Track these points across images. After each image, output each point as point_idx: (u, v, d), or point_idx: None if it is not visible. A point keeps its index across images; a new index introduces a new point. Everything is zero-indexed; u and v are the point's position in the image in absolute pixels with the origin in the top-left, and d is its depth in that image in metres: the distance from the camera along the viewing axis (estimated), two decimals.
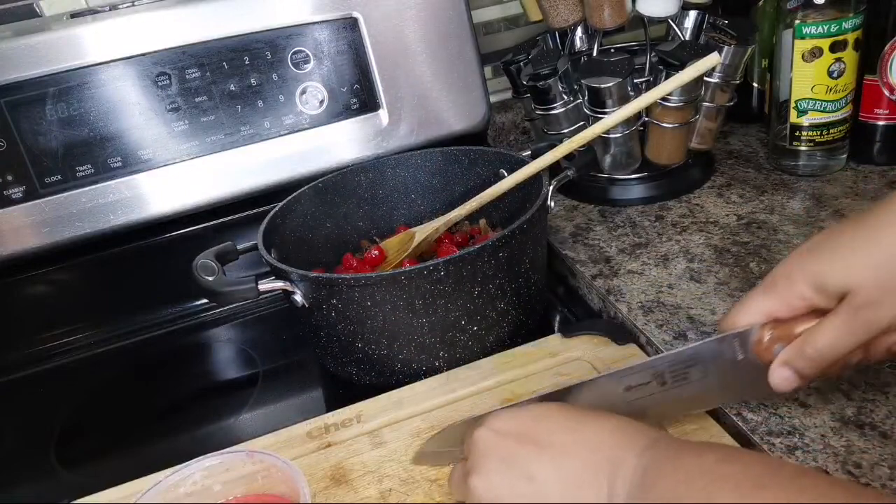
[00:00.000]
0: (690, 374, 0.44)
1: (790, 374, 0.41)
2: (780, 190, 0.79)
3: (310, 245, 0.74)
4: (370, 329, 0.58)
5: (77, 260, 0.79)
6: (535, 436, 0.39)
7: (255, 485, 0.47)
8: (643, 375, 0.45)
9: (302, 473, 0.44)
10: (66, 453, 0.65)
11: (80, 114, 0.72)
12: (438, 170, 0.79)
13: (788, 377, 0.41)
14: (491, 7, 1.04)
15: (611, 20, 0.76)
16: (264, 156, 0.79)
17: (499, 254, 0.59)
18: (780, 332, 0.42)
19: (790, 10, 0.74)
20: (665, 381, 0.45)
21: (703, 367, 0.44)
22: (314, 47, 0.78)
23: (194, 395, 0.72)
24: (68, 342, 0.81)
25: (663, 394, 0.45)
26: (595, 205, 0.83)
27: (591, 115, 0.77)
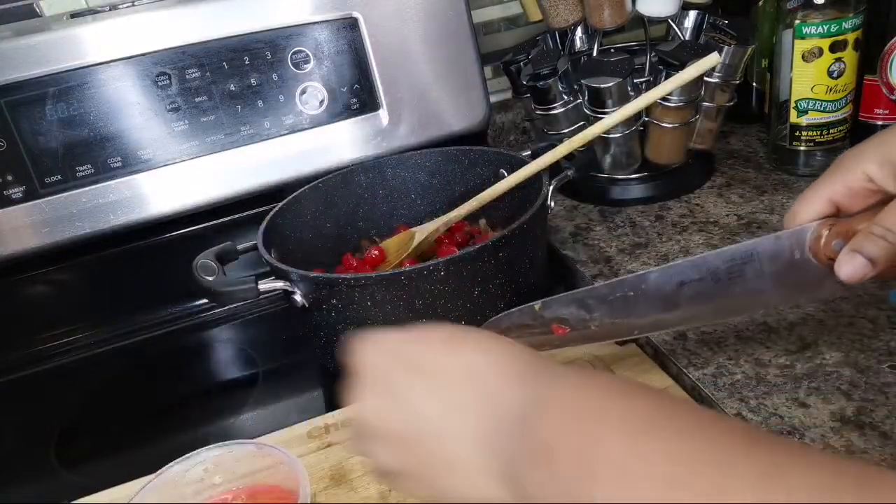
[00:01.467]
0: (746, 271, 0.43)
1: (861, 259, 0.38)
2: (780, 190, 0.79)
3: (310, 245, 0.74)
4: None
5: (77, 260, 0.79)
6: (421, 362, 0.37)
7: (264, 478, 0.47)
8: (697, 271, 0.44)
9: (305, 472, 0.44)
10: (66, 453, 0.65)
11: (80, 114, 0.72)
12: (438, 170, 0.79)
13: (858, 263, 0.39)
14: (491, 7, 1.03)
15: (611, 20, 0.76)
16: (264, 156, 0.79)
17: (499, 254, 0.59)
18: (840, 228, 0.40)
19: (790, 10, 0.74)
20: (720, 277, 0.43)
21: (759, 265, 0.43)
22: (314, 47, 0.78)
23: (194, 395, 0.72)
24: (68, 342, 0.81)
25: (718, 291, 0.44)
26: (595, 205, 0.83)
27: (591, 115, 0.77)
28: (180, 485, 0.46)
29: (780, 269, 0.42)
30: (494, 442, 0.32)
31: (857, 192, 0.40)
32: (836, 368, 0.52)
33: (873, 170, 0.39)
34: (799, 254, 0.41)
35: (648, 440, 0.27)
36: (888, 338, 0.54)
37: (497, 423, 0.33)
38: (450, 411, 0.34)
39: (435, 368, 0.36)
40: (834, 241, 0.40)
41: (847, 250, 0.39)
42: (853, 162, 0.40)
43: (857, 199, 0.40)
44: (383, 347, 0.39)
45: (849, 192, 0.40)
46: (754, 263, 0.43)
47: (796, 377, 0.52)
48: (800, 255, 0.41)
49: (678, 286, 0.44)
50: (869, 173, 0.39)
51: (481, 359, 0.36)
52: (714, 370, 0.54)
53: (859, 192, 0.40)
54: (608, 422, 0.29)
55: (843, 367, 0.52)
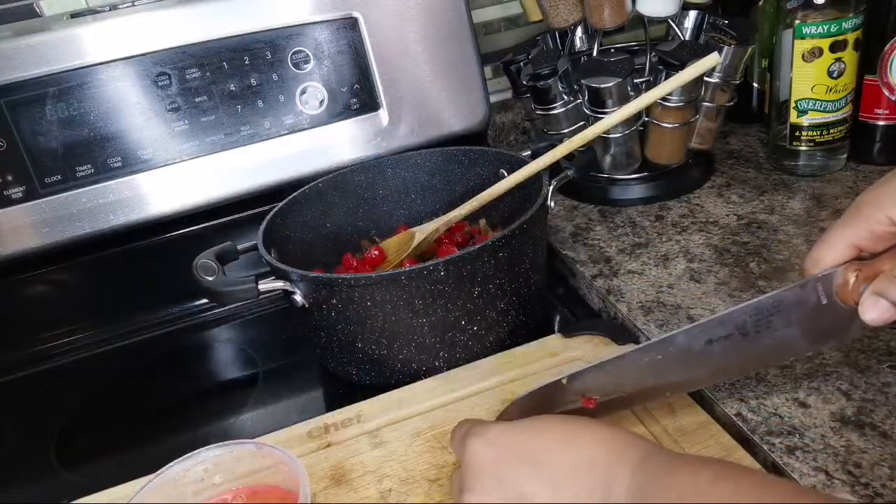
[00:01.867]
0: (773, 322, 0.43)
1: (885, 303, 0.39)
2: (780, 190, 0.79)
3: (310, 245, 0.74)
4: (370, 329, 0.58)
5: (77, 260, 0.79)
6: (530, 453, 0.39)
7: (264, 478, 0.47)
8: (725, 327, 0.44)
9: (305, 472, 0.44)
10: (66, 453, 0.65)
11: (80, 114, 0.72)
12: (438, 170, 0.79)
13: (883, 307, 0.39)
14: (491, 7, 1.04)
15: (611, 20, 0.76)
16: (264, 156, 0.79)
17: (499, 254, 0.59)
18: (867, 272, 0.40)
19: (790, 10, 0.74)
20: (747, 331, 0.43)
21: (787, 315, 0.43)
22: (314, 47, 0.78)
23: (194, 395, 0.72)
24: (68, 342, 0.81)
25: (746, 345, 0.44)
26: (595, 205, 0.83)
27: (591, 115, 0.77)
28: (180, 485, 0.46)
29: (807, 316, 0.42)
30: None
31: (880, 235, 0.40)
32: (836, 368, 0.52)
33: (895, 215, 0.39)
34: (826, 299, 0.41)
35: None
36: (888, 338, 0.54)
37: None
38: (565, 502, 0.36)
39: (549, 460, 0.38)
40: (861, 286, 0.40)
41: (871, 294, 0.39)
42: (873, 208, 0.40)
43: (879, 242, 0.41)
44: (490, 439, 0.40)
45: (871, 236, 0.40)
46: (781, 313, 0.43)
47: (796, 377, 0.52)
48: (827, 301, 0.41)
49: (706, 344, 0.44)
50: (892, 217, 0.39)
51: (597, 450, 0.37)
52: None
53: (882, 236, 0.40)
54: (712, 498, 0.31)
55: (843, 367, 0.52)
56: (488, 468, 0.39)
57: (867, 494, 0.42)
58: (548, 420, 0.41)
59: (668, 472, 0.35)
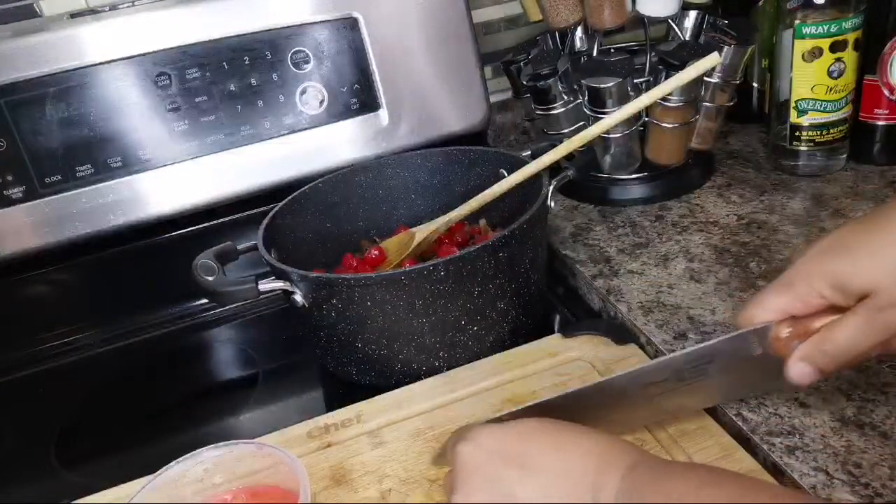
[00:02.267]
0: (708, 369, 0.45)
1: (809, 369, 0.41)
2: (780, 190, 0.79)
3: (310, 245, 0.74)
4: (370, 329, 0.58)
5: (77, 260, 0.79)
6: (520, 456, 0.39)
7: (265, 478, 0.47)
8: (662, 373, 0.45)
9: (305, 472, 0.44)
10: (66, 453, 0.65)
11: (80, 114, 0.72)
12: (438, 170, 0.79)
13: (807, 372, 0.41)
14: (491, 7, 1.03)
15: (611, 20, 0.76)
16: (264, 156, 0.79)
17: (499, 254, 0.59)
18: (798, 329, 0.42)
19: (790, 10, 0.74)
20: (683, 377, 0.45)
21: (721, 363, 0.45)
22: (314, 47, 0.78)
23: (194, 395, 0.72)
24: (68, 342, 0.81)
25: (682, 389, 0.46)
26: (595, 205, 0.83)
27: (591, 115, 0.77)
28: (180, 485, 0.46)
29: (741, 365, 0.45)
30: None
31: (812, 305, 0.42)
32: None
33: (826, 291, 0.41)
34: (760, 350, 0.44)
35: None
36: None
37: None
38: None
39: (539, 464, 0.39)
40: (794, 342, 0.42)
41: (797, 358, 0.41)
42: (804, 283, 0.42)
43: (811, 310, 0.42)
44: (481, 443, 0.41)
45: (803, 305, 0.42)
46: (716, 362, 0.45)
47: None
48: (761, 352, 0.44)
49: (643, 388, 0.46)
50: (823, 294, 0.41)
51: (586, 456, 0.38)
52: None
53: (814, 305, 0.42)
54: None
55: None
56: (478, 470, 0.40)
57: (867, 494, 0.42)
58: (538, 424, 0.42)
59: (656, 478, 0.35)
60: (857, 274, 0.39)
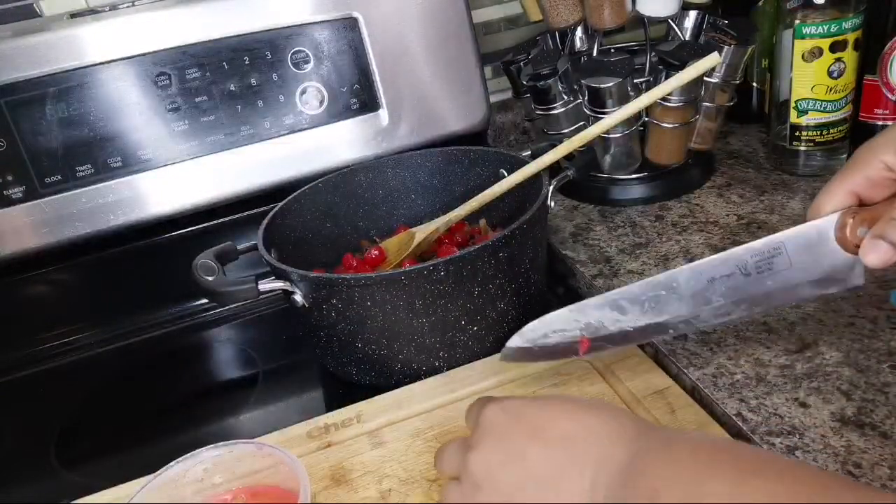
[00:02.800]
0: (774, 263, 0.44)
1: (885, 245, 0.40)
2: (780, 190, 0.79)
3: (310, 245, 0.74)
4: (370, 329, 0.58)
5: (77, 260, 0.79)
6: (538, 421, 0.40)
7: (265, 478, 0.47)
8: (726, 266, 0.44)
9: (305, 472, 0.44)
10: (66, 453, 0.65)
11: (80, 114, 0.72)
12: (438, 170, 0.79)
13: (883, 248, 0.40)
14: (491, 7, 1.04)
15: (611, 20, 0.76)
16: (264, 156, 0.79)
17: (499, 254, 0.59)
18: (864, 216, 0.41)
19: (790, 10, 0.74)
20: (749, 271, 0.44)
21: (787, 257, 0.44)
22: (314, 47, 0.78)
23: (194, 395, 0.72)
24: (68, 342, 0.81)
25: (748, 286, 0.44)
26: (595, 205, 0.83)
27: (591, 115, 0.77)
28: (180, 485, 0.46)
29: (807, 259, 0.43)
30: (605, 492, 0.35)
31: (877, 181, 0.41)
32: (836, 368, 0.52)
33: (891, 159, 0.40)
34: (826, 243, 0.42)
35: (751, 481, 0.30)
36: (888, 338, 0.54)
37: (608, 478, 0.35)
38: (566, 471, 0.37)
39: (556, 432, 0.39)
40: (859, 229, 0.41)
41: (871, 237, 0.40)
42: (870, 154, 0.41)
43: (877, 189, 0.41)
44: (505, 406, 0.42)
45: (869, 182, 0.41)
46: (782, 256, 0.44)
47: (796, 377, 0.52)
48: (826, 245, 0.42)
49: (709, 283, 0.45)
50: (888, 163, 0.40)
51: (601, 424, 0.39)
52: (714, 370, 0.54)
53: (879, 182, 0.41)
54: (712, 467, 0.32)
55: (843, 367, 0.52)
56: (497, 430, 0.41)
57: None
58: (562, 396, 0.43)
59: (667, 443, 0.36)
60: None
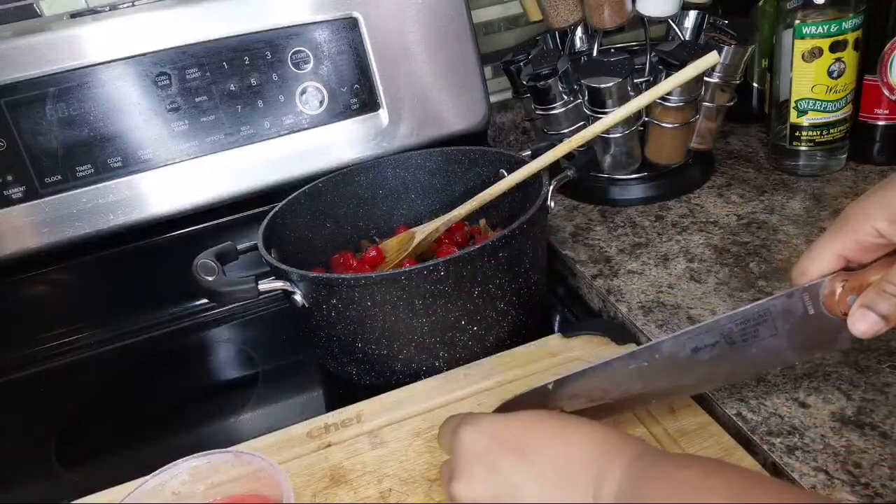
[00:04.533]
0: (760, 331, 0.43)
1: (873, 316, 0.39)
2: (780, 190, 0.79)
3: (310, 245, 0.74)
4: (370, 329, 0.58)
5: (77, 260, 0.79)
6: (521, 444, 0.39)
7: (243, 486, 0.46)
8: (711, 336, 0.44)
9: (286, 475, 0.43)
10: (66, 453, 0.65)
11: (80, 114, 0.72)
12: (438, 170, 0.79)
13: (871, 319, 0.39)
14: (491, 7, 1.04)
15: (611, 20, 0.76)
16: (264, 156, 0.79)
17: (499, 254, 0.59)
18: (853, 283, 0.40)
19: (790, 10, 0.74)
20: (734, 340, 0.43)
21: (773, 324, 0.43)
22: (314, 47, 0.78)
23: (194, 395, 0.72)
24: (69, 342, 0.81)
25: (733, 353, 0.44)
26: (595, 205, 0.83)
27: (591, 115, 0.77)
28: (159, 497, 0.45)
29: (794, 325, 0.42)
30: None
31: (868, 246, 0.40)
32: (836, 368, 0.52)
33: (883, 226, 0.39)
34: (813, 309, 0.42)
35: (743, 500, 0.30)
36: (888, 338, 0.54)
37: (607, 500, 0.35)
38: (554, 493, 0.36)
39: (540, 452, 0.38)
40: (848, 297, 0.40)
41: (859, 307, 0.39)
42: (861, 219, 0.40)
43: (867, 253, 0.40)
44: (484, 429, 0.40)
45: (858, 246, 0.40)
46: (768, 323, 0.43)
47: (796, 377, 0.52)
48: (814, 311, 0.42)
49: (692, 352, 0.44)
50: (880, 229, 0.39)
51: (589, 446, 0.37)
52: None
53: (869, 247, 0.40)
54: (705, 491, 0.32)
55: (843, 367, 0.52)
56: (479, 457, 0.39)
57: (867, 494, 0.42)
58: (541, 414, 0.41)
59: (660, 467, 0.35)
60: None
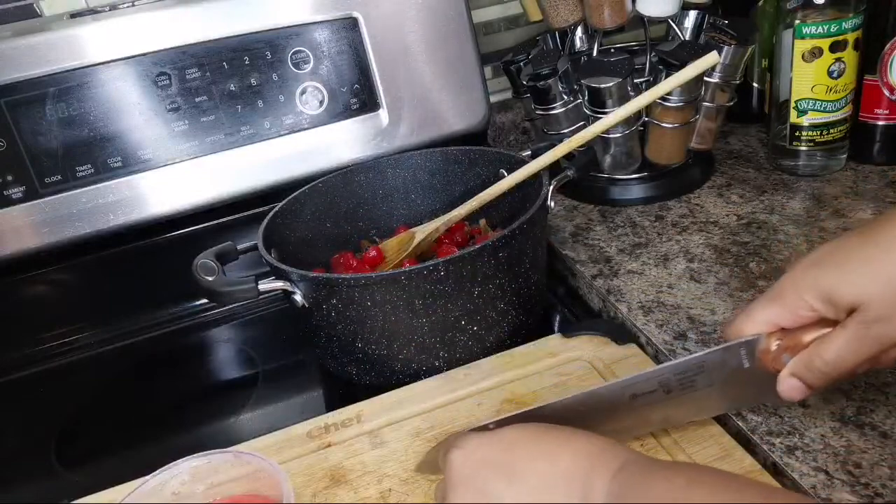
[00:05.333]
0: (696, 382, 0.45)
1: (799, 384, 0.41)
2: (780, 190, 0.79)
3: (310, 245, 0.74)
4: (370, 329, 0.58)
5: (77, 260, 0.79)
6: (509, 464, 0.39)
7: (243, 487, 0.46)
8: (649, 384, 0.45)
9: (286, 475, 0.43)
10: (66, 453, 0.65)
11: (80, 114, 0.72)
12: (438, 170, 0.79)
13: (797, 387, 0.41)
14: (491, 7, 1.04)
15: (611, 20, 0.76)
16: (264, 156, 0.79)
17: (499, 254, 0.59)
18: (788, 342, 0.42)
19: (790, 10, 0.74)
20: (671, 389, 0.45)
21: (709, 376, 0.44)
22: (314, 47, 0.78)
23: (194, 395, 0.72)
24: (69, 342, 0.81)
25: (669, 401, 0.45)
26: (595, 205, 0.83)
27: (591, 115, 0.77)
28: (160, 496, 0.45)
29: (729, 377, 0.44)
30: None
31: (802, 317, 0.41)
32: None
33: (815, 303, 0.40)
34: (749, 363, 0.43)
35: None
36: None
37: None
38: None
39: (528, 470, 0.38)
40: (783, 355, 0.42)
41: (787, 373, 0.41)
42: (794, 294, 0.41)
43: (801, 321, 0.42)
44: (472, 453, 0.41)
45: (793, 317, 0.42)
46: (705, 374, 0.44)
47: None
48: (749, 365, 0.43)
49: (630, 398, 0.45)
50: (812, 305, 0.40)
51: (575, 461, 0.38)
52: None
53: (804, 318, 0.41)
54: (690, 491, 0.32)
55: None
56: (468, 481, 0.40)
57: (867, 494, 0.42)
58: (528, 429, 0.41)
59: (645, 478, 0.35)
60: (844, 286, 0.39)
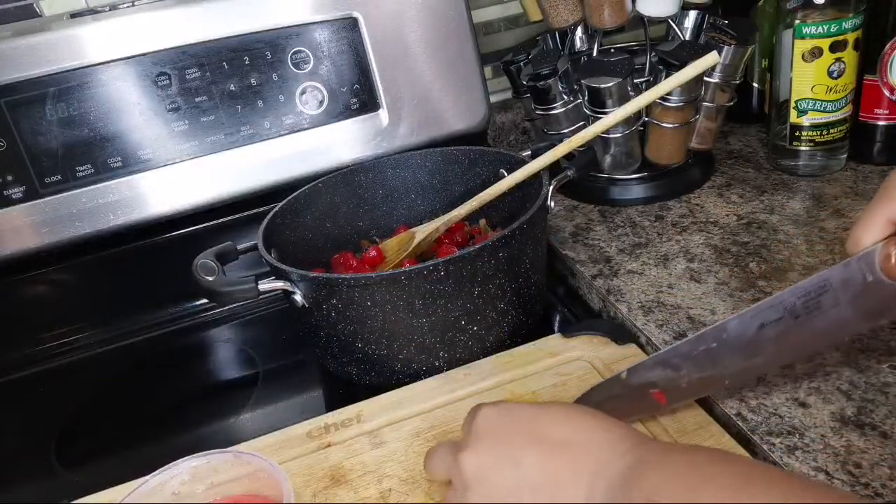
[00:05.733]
0: (822, 303, 0.43)
1: None
2: (780, 190, 0.79)
3: (310, 245, 0.74)
4: (370, 329, 0.58)
5: (77, 260, 0.79)
6: (534, 424, 0.40)
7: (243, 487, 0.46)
8: (775, 311, 0.44)
9: (286, 475, 0.43)
10: (66, 453, 0.65)
11: (80, 114, 0.72)
12: (438, 170, 0.79)
13: None
14: (491, 7, 1.04)
15: (611, 20, 0.76)
16: (264, 156, 0.79)
17: (499, 254, 0.59)
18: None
19: (790, 10, 0.74)
20: (798, 313, 0.43)
21: (835, 295, 0.42)
22: (314, 47, 0.78)
23: (194, 395, 0.72)
24: (69, 342, 0.81)
25: (800, 327, 0.44)
26: (595, 205, 0.83)
27: (591, 115, 0.77)
28: (160, 496, 0.45)
29: (855, 294, 0.42)
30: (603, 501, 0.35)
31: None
32: (835, 368, 0.52)
33: None
34: (871, 276, 0.41)
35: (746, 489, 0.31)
36: (888, 338, 0.54)
37: (606, 487, 0.35)
38: (563, 478, 0.37)
39: (554, 437, 0.39)
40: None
41: None
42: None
43: None
44: (500, 409, 0.42)
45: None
46: (829, 294, 0.43)
47: (796, 377, 0.52)
48: (872, 278, 0.41)
49: (759, 329, 0.44)
50: None
51: (594, 431, 0.39)
52: None
53: None
54: (708, 478, 0.32)
55: (843, 367, 0.52)
56: (491, 431, 0.40)
57: (867, 494, 0.42)
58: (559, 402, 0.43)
59: (664, 453, 0.36)
60: None
